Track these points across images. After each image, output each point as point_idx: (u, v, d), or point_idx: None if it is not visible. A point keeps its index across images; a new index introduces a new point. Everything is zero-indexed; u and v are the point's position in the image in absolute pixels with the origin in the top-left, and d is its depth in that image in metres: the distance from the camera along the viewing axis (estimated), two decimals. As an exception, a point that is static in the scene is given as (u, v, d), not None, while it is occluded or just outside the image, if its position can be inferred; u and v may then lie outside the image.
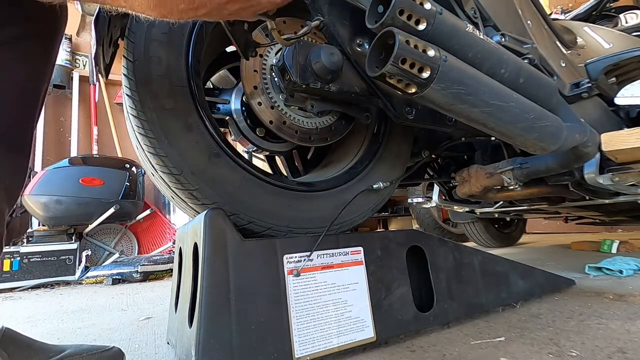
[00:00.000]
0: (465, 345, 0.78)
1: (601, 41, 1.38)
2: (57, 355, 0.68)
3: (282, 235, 0.83)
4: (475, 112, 0.67)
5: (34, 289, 2.34)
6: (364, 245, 0.85)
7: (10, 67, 0.57)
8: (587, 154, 0.93)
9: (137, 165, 3.05)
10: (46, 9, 0.54)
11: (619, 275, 1.40)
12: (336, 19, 0.84)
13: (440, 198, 1.77)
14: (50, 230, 2.69)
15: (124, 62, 0.73)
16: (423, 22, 0.64)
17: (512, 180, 1.13)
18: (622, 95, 1.02)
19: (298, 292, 0.74)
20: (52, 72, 0.66)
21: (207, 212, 0.72)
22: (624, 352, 0.69)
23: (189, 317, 0.72)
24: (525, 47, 0.91)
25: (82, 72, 3.77)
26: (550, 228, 3.92)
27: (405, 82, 0.61)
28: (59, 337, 1.12)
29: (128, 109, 0.73)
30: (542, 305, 1.05)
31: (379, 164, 1.03)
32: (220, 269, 0.68)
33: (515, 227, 2.91)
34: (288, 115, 0.90)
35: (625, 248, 2.05)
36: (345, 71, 0.85)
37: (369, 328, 0.79)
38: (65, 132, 3.64)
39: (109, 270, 2.41)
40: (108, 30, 0.71)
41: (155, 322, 1.22)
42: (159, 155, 0.72)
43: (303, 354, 0.71)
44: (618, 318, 0.90)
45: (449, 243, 0.98)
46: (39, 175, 2.64)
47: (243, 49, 0.71)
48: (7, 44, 0.56)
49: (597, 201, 1.33)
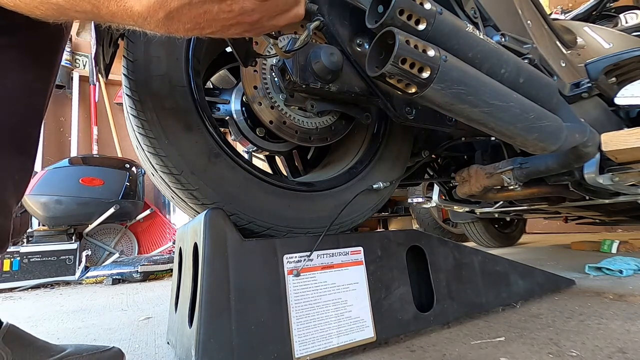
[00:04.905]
0: (465, 345, 0.78)
1: (601, 41, 1.38)
2: (57, 355, 0.68)
3: (282, 235, 0.83)
4: (475, 112, 0.67)
5: (34, 289, 2.34)
6: (364, 245, 0.85)
7: (18, 69, 0.57)
8: (587, 154, 0.93)
9: (137, 165, 3.05)
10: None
11: (619, 275, 1.40)
12: (336, 19, 0.84)
13: (440, 198, 1.77)
14: (50, 230, 2.69)
15: (124, 62, 0.73)
16: (423, 22, 0.65)
17: (512, 180, 1.13)
18: (622, 95, 1.02)
19: (298, 292, 0.74)
20: (57, 74, 0.66)
21: (207, 212, 0.72)
22: (624, 352, 0.69)
23: (189, 317, 0.72)
24: (525, 47, 0.91)
25: (82, 72, 3.77)
26: (550, 228, 3.92)
27: (405, 82, 0.61)
28: (59, 337, 1.12)
29: (128, 109, 0.73)
30: (542, 305, 1.05)
31: (379, 164, 1.03)
32: (220, 269, 0.68)
33: (515, 227, 2.91)
34: (288, 115, 0.90)
35: (625, 248, 2.05)
36: (345, 71, 0.85)
37: (368, 328, 0.79)
38: (65, 132, 3.64)
39: (109, 270, 2.41)
40: (108, 30, 0.71)
41: (155, 322, 1.22)
42: (159, 155, 0.72)
43: (303, 354, 0.71)
44: (618, 318, 0.90)
45: (449, 243, 0.98)
46: (39, 175, 2.64)
47: (243, 59, 0.72)
48: (14, 46, 0.56)
49: (597, 201, 1.33)
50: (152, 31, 0.48)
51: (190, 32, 0.48)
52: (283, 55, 0.74)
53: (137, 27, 0.47)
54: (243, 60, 0.72)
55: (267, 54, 0.85)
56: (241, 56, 0.72)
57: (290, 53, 0.74)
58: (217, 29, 0.48)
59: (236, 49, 0.70)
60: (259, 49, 0.86)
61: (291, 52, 0.74)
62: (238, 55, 0.71)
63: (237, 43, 0.70)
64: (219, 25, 0.48)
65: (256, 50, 0.83)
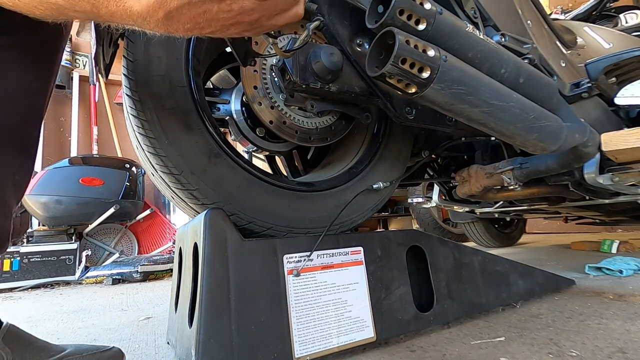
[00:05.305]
0: (465, 345, 0.78)
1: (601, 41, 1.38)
2: (57, 355, 0.68)
3: (282, 235, 0.83)
4: (475, 112, 0.67)
5: (34, 289, 2.34)
6: (364, 245, 0.85)
7: (18, 69, 0.57)
8: (587, 154, 0.93)
9: (137, 165, 3.05)
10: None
11: (619, 275, 1.40)
12: (336, 19, 0.84)
13: (440, 198, 1.77)
14: (50, 230, 2.69)
15: (124, 62, 0.73)
16: (423, 22, 0.65)
17: (512, 180, 1.13)
18: (622, 95, 1.02)
19: (298, 292, 0.74)
20: (57, 73, 0.66)
21: (207, 212, 0.72)
22: (624, 352, 0.69)
23: (189, 317, 0.72)
24: (525, 47, 0.91)
25: (82, 72, 3.77)
26: (550, 228, 3.92)
27: (405, 82, 0.61)
28: (59, 337, 1.12)
29: (128, 109, 0.73)
30: (542, 305, 1.05)
31: (379, 164, 1.03)
32: (220, 269, 0.68)
33: (515, 227, 2.91)
34: (288, 115, 0.90)
35: (625, 248, 2.05)
36: (345, 71, 0.85)
37: (368, 328, 0.79)
38: (65, 132, 3.64)
39: (109, 270, 2.41)
40: (108, 30, 0.71)
41: (155, 322, 1.22)
42: (159, 155, 0.72)
43: (303, 354, 0.71)
44: (618, 318, 0.90)
45: (449, 243, 0.98)
46: (39, 175, 2.64)
47: (242, 59, 0.71)
48: (14, 46, 0.56)
49: (597, 201, 1.33)
50: (151, 31, 0.48)
51: (189, 31, 0.48)
52: (283, 55, 0.74)
53: (137, 27, 0.47)
54: (242, 60, 0.72)
55: (266, 54, 0.85)
56: (240, 56, 0.72)
57: (289, 53, 0.74)
58: (216, 29, 0.48)
59: (235, 49, 0.70)
60: (258, 49, 0.86)
61: (291, 52, 0.74)
62: (237, 55, 0.71)
63: (237, 43, 0.70)
64: (219, 25, 0.48)
65: (256, 50, 0.83)
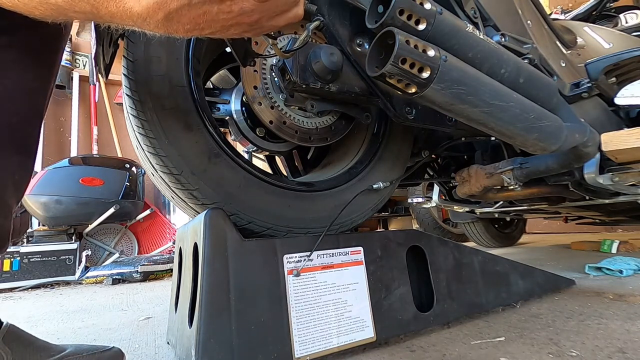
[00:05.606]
0: (465, 345, 0.78)
1: (601, 41, 1.38)
2: (57, 355, 0.68)
3: (282, 235, 0.83)
4: (475, 112, 0.67)
5: (34, 289, 2.34)
6: (364, 245, 0.85)
7: (18, 69, 0.57)
8: (587, 154, 0.93)
9: (137, 165, 3.05)
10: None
11: (619, 275, 1.40)
12: (336, 19, 0.84)
13: (440, 198, 1.77)
14: (50, 230, 2.69)
15: (124, 62, 0.73)
16: (423, 22, 0.65)
17: (512, 180, 1.13)
18: (622, 95, 1.02)
19: (298, 292, 0.74)
20: (57, 73, 0.66)
21: (207, 212, 0.72)
22: (624, 352, 0.69)
23: (189, 317, 0.72)
24: (525, 47, 0.91)
25: (82, 72, 3.77)
26: (550, 228, 3.92)
27: (405, 82, 0.61)
28: (59, 337, 1.12)
29: (128, 109, 0.73)
30: (542, 305, 1.05)
31: (379, 164, 1.03)
32: (220, 269, 0.68)
33: (515, 227, 2.91)
34: (288, 115, 0.90)
35: (625, 248, 2.05)
36: (345, 71, 0.85)
37: (369, 328, 0.79)
38: (65, 132, 3.64)
39: (109, 270, 2.41)
40: (108, 30, 0.71)
41: (155, 322, 1.22)
42: (159, 155, 0.72)
43: (303, 354, 0.71)
44: (618, 318, 0.90)
45: (449, 243, 0.98)
46: (39, 175, 2.64)
47: (242, 59, 0.71)
48: (14, 46, 0.56)
49: (597, 201, 1.33)
50: (151, 32, 0.48)
51: (189, 32, 0.48)
52: (282, 55, 0.74)
53: (137, 28, 0.47)
54: (242, 60, 0.72)
55: (266, 54, 0.85)
56: (240, 56, 0.72)
57: (289, 53, 0.74)
58: (216, 30, 0.49)
59: (235, 49, 0.70)
60: (258, 49, 0.86)
61: (290, 52, 0.74)
62: (237, 55, 0.71)
63: (236, 43, 0.70)
64: (219, 26, 0.48)
65: (256, 50, 0.83)
